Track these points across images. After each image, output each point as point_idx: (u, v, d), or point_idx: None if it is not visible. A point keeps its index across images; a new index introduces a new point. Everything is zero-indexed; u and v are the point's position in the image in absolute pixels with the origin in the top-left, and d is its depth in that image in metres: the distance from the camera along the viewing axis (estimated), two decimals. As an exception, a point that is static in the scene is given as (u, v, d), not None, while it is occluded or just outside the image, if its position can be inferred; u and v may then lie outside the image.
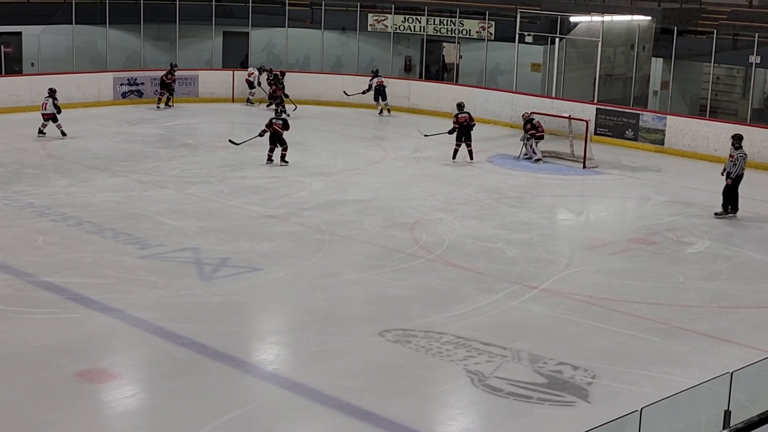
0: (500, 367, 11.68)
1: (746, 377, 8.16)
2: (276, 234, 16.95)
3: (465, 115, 23.56)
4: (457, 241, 16.86)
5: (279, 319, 13.76)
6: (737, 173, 19.24)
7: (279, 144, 22.32)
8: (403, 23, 32.70)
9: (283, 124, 22.39)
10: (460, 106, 24.05)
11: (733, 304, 14.33)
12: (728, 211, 19.34)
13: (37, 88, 28.44)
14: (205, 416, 10.24)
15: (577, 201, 21.28)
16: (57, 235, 16.45)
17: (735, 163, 19.30)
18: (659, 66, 29.28)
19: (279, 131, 22.25)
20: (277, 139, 22.32)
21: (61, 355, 11.69)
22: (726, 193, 19.39)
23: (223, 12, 33.98)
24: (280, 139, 22.30)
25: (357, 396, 10.81)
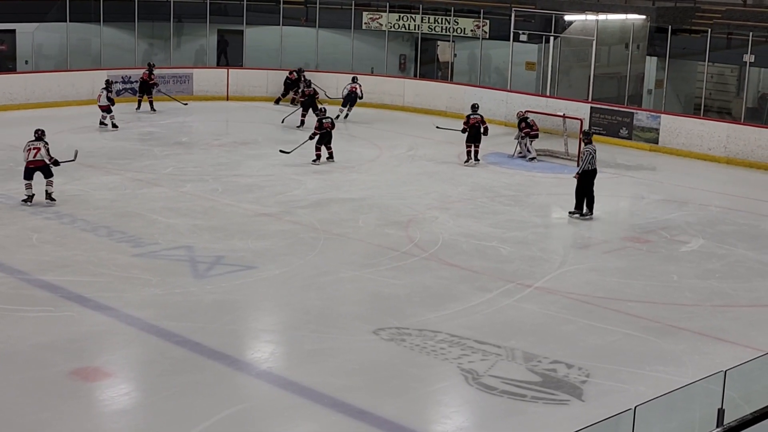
0: (494, 365, 11.69)
1: (740, 376, 8.18)
2: (270, 232, 16.95)
3: (477, 117, 23.45)
4: (451, 239, 16.86)
5: (273, 317, 13.75)
6: (584, 169, 18.63)
7: (326, 144, 22.43)
8: (398, 21, 32.68)
9: (332, 123, 22.68)
10: (474, 108, 23.89)
11: (726, 303, 14.36)
12: (583, 211, 18.69)
13: (32, 87, 28.49)
14: (199, 414, 10.24)
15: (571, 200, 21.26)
16: (51, 234, 16.43)
17: (583, 158, 18.80)
18: (653, 65, 29.27)
19: (329, 129, 22.42)
20: (326, 139, 22.42)
21: (55, 353, 11.68)
22: (577, 191, 18.79)
23: (217, 10, 33.93)
24: (328, 138, 22.44)
25: (351, 394, 10.81)
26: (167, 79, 30.37)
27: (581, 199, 18.78)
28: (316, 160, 22.28)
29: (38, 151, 18.42)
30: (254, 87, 31.67)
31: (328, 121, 22.48)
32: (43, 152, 18.41)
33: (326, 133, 22.40)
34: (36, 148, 18.44)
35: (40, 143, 18.53)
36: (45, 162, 18.42)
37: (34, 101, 28.33)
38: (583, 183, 18.71)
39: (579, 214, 18.73)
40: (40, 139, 18.65)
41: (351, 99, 28.71)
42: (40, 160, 18.38)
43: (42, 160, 18.38)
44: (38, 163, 18.40)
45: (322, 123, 22.33)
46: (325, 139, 22.40)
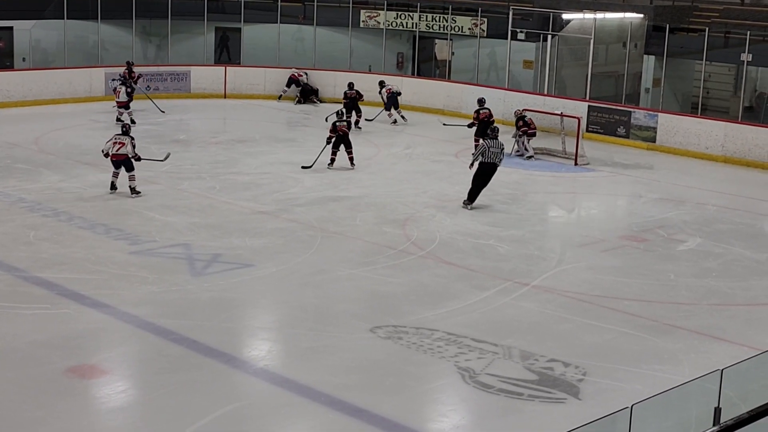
0: (491, 363, 11.69)
1: (736, 374, 8.18)
2: (268, 230, 16.94)
3: (486, 111, 23.53)
4: (448, 237, 16.86)
5: (270, 315, 13.75)
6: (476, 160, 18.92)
7: (345, 146, 21.86)
8: (396, 20, 32.68)
9: (348, 125, 22.20)
10: (481, 102, 23.96)
11: (723, 302, 14.36)
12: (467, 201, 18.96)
13: (29, 84, 28.46)
14: (196, 412, 10.23)
15: (569, 198, 21.31)
16: (48, 231, 16.41)
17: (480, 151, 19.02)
18: (651, 63, 29.30)
19: (346, 132, 21.84)
20: (342, 142, 21.80)
21: (52, 350, 11.67)
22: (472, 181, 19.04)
23: (215, 7, 33.92)
24: (345, 141, 21.83)
25: (348, 392, 10.81)
26: (165, 76, 30.35)
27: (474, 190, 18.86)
28: (330, 164, 21.78)
29: (123, 145, 18.84)
30: (252, 85, 31.66)
31: (343, 125, 21.88)
32: (129, 147, 18.84)
33: (341, 137, 21.76)
34: (121, 142, 18.89)
35: (126, 138, 18.99)
36: (127, 156, 18.84)
37: (32, 98, 28.31)
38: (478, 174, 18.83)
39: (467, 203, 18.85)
40: (126, 134, 19.14)
41: (394, 100, 28.28)
42: (123, 154, 18.82)
43: (125, 154, 18.82)
44: (120, 156, 18.84)
45: (335, 126, 21.76)
46: (341, 142, 21.78)
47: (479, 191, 18.92)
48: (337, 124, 21.88)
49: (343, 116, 22.61)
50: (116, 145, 18.84)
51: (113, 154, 18.82)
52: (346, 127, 21.98)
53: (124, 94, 25.53)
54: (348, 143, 21.91)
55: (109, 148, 18.91)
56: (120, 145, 18.80)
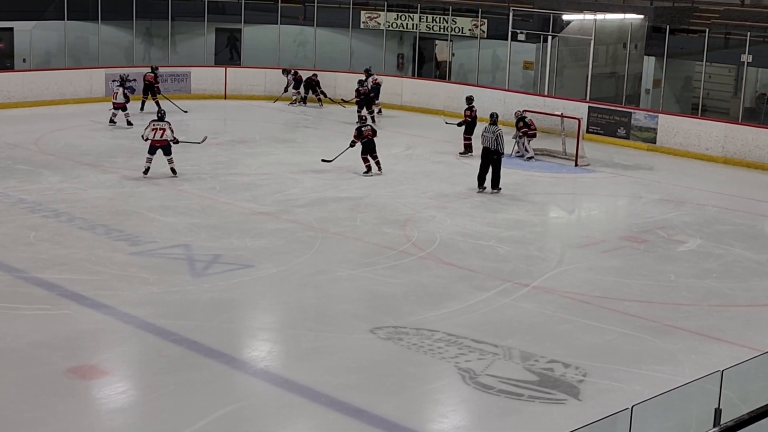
0: (491, 364, 11.69)
1: (737, 375, 8.18)
2: (268, 231, 16.94)
3: (475, 109, 23.84)
4: (449, 238, 16.86)
5: (270, 316, 13.75)
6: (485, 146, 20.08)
7: (371, 152, 21.49)
8: (396, 21, 32.69)
9: (373, 130, 21.77)
10: (470, 100, 24.17)
11: (724, 303, 14.36)
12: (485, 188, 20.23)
13: (29, 85, 28.47)
14: (196, 413, 10.23)
15: (569, 199, 21.32)
16: (48, 232, 16.41)
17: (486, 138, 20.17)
18: (651, 64, 29.30)
19: (371, 137, 21.48)
20: (370, 148, 21.45)
21: (52, 351, 11.67)
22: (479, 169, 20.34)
23: (215, 8, 33.93)
24: (372, 146, 21.47)
25: (348, 393, 10.81)
26: (165, 77, 30.35)
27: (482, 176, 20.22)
28: (367, 171, 21.42)
29: (164, 132, 20.25)
30: (252, 86, 31.67)
31: (368, 129, 21.58)
32: (168, 133, 20.28)
33: (368, 142, 21.45)
34: (162, 128, 20.23)
35: (165, 124, 20.34)
36: (168, 141, 20.21)
37: (32, 99, 28.32)
38: (483, 161, 20.20)
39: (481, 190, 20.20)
40: (163, 119, 20.53)
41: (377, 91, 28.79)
42: (164, 140, 20.26)
43: (166, 140, 20.25)
44: (162, 142, 20.27)
45: (361, 131, 21.42)
46: (368, 148, 21.47)
47: (482, 176, 20.19)
48: (362, 129, 21.55)
49: (366, 121, 22.54)
50: (157, 131, 20.16)
51: (154, 140, 20.11)
52: (371, 132, 21.59)
53: (121, 95, 25.52)
54: (374, 148, 21.51)
55: (149, 135, 20.17)
56: (161, 131, 20.15)
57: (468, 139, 23.83)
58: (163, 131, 20.15)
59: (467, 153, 23.71)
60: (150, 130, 20.22)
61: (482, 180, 20.19)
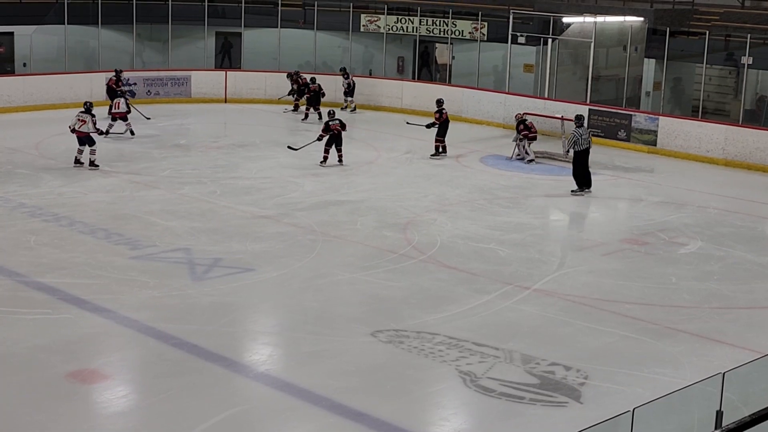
0: (492, 367, 11.67)
1: (738, 378, 8.16)
2: (268, 234, 16.93)
3: (447, 112, 24.04)
4: (449, 241, 16.86)
5: (271, 319, 13.74)
6: (569, 149, 21.05)
7: (336, 145, 22.46)
8: (396, 24, 32.69)
9: (341, 124, 22.62)
10: (440, 102, 24.34)
11: (725, 305, 14.35)
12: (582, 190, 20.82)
13: (30, 89, 28.48)
14: (197, 417, 10.22)
15: (570, 201, 21.29)
16: (49, 236, 16.41)
17: (570, 140, 21.07)
18: (651, 67, 29.29)
19: (339, 131, 22.45)
20: (335, 140, 22.43)
21: (53, 355, 11.66)
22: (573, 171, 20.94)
23: (215, 12, 33.94)
24: (338, 140, 22.45)
25: (349, 396, 10.80)
26: (165, 81, 30.34)
27: (579, 178, 20.71)
28: (323, 161, 22.35)
29: (84, 123, 20.80)
30: (252, 89, 31.68)
31: (335, 123, 22.40)
32: (90, 125, 20.75)
33: (334, 136, 22.40)
34: (83, 120, 20.77)
35: (88, 116, 20.80)
36: (87, 133, 20.69)
37: (32, 103, 28.31)
38: (577, 162, 20.68)
39: (580, 191, 20.75)
40: (88, 111, 20.91)
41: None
42: (85, 132, 20.65)
43: (86, 131, 20.64)
44: (83, 133, 20.69)
45: (328, 125, 22.36)
46: (334, 141, 22.42)
47: (586, 176, 20.78)
48: (330, 123, 22.42)
49: (335, 115, 23.00)
50: (79, 122, 20.68)
51: (77, 131, 20.63)
52: (339, 126, 22.45)
53: (124, 104, 25.20)
54: (340, 141, 22.49)
55: (74, 125, 20.72)
56: (82, 123, 20.58)
57: (440, 141, 23.93)
58: (83, 122, 20.65)
59: (438, 154, 23.80)
60: (75, 120, 20.87)
61: (586, 181, 20.81)
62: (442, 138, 23.90)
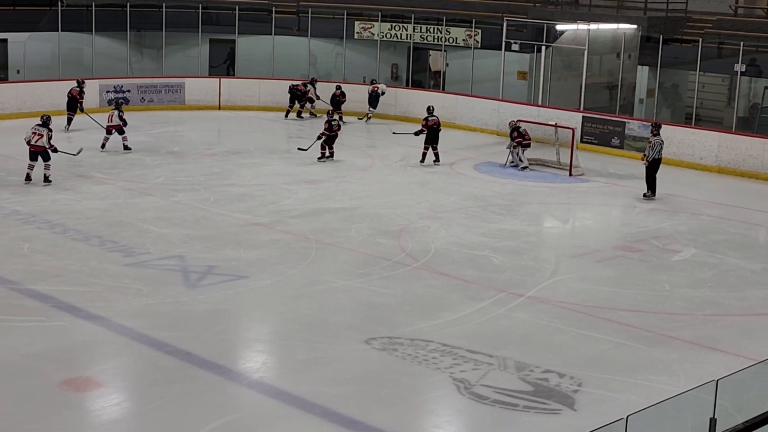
0: (486, 374, 11.68)
1: (732, 385, 8.17)
2: (262, 242, 16.93)
3: (435, 119, 23.99)
4: (443, 248, 16.86)
5: (265, 327, 13.73)
6: (653, 157, 21.24)
7: (329, 144, 23.79)
8: (390, 31, 32.72)
9: (339, 126, 24.36)
10: (429, 110, 24.36)
11: (718, 312, 14.37)
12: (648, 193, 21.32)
13: (23, 96, 28.46)
14: (191, 424, 10.21)
15: (564, 209, 21.34)
16: (43, 243, 16.39)
17: (653, 147, 21.36)
18: (645, 74, 29.35)
19: (337, 131, 23.89)
20: (332, 140, 23.81)
21: (46, 363, 11.64)
22: (646, 177, 21.44)
23: (209, 19, 33.94)
24: (333, 140, 23.84)
25: (343, 404, 10.79)
26: (159, 88, 30.30)
27: (650, 184, 21.35)
28: (321, 158, 23.68)
29: (41, 137, 19.88)
30: (246, 96, 31.67)
31: (336, 124, 23.97)
32: (45, 140, 19.85)
33: (334, 136, 23.76)
34: (39, 134, 19.97)
35: (44, 130, 20.05)
36: (44, 147, 19.86)
37: (26, 110, 28.24)
38: (651, 169, 21.31)
39: (649, 195, 21.30)
40: (45, 125, 20.16)
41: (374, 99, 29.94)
42: (41, 146, 19.88)
43: (42, 145, 19.85)
44: (39, 148, 19.92)
45: (331, 125, 23.74)
46: (331, 140, 23.76)
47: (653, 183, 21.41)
48: (332, 123, 23.79)
49: (333, 115, 24.72)
50: (35, 135, 19.95)
51: (32, 145, 19.93)
52: (338, 127, 24.03)
53: (117, 118, 24.40)
54: (333, 141, 23.90)
55: (29, 137, 19.99)
56: (38, 137, 19.88)
57: (426, 148, 23.92)
58: (40, 137, 19.95)
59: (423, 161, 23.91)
60: (30, 133, 20.15)
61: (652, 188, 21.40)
62: (428, 145, 23.86)
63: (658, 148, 21.24)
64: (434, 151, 23.89)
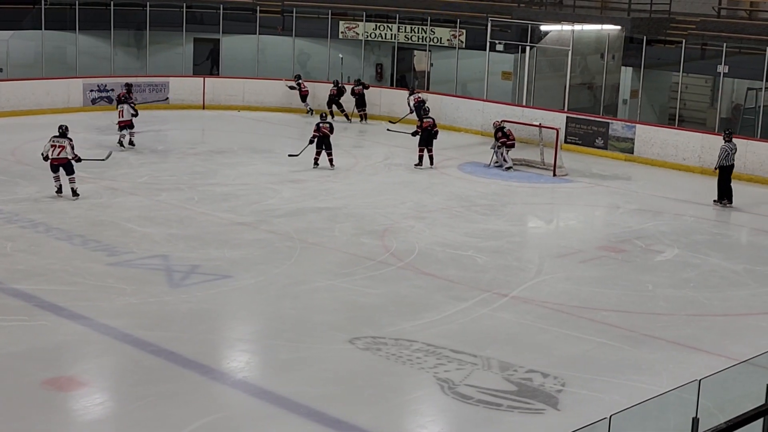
0: (470, 374, 11.69)
1: (714, 385, 8.21)
2: (246, 241, 16.91)
3: (429, 120, 23.88)
4: (427, 248, 16.87)
5: (249, 326, 13.71)
6: (721, 164, 20.98)
7: (325, 148, 22.88)
8: (375, 30, 32.73)
9: (330, 127, 23.07)
10: (425, 111, 24.37)
11: (701, 312, 14.43)
12: (722, 201, 20.96)
13: (6, 94, 28.33)
14: (175, 424, 10.20)
15: (547, 209, 21.37)
16: (25, 242, 16.33)
17: (722, 154, 21.05)
18: (629, 75, 29.44)
19: (327, 133, 22.86)
20: (324, 143, 22.84)
21: (29, 362, 11.60)
22: (718, 183, 21.13)
23: (193, 18, 33.87)
24: (327, 143, 22.87)
25: (327, 404, 10.79)
26: (143, 87, 30.20)
27: (722, 190, 21.00)
28: (315, 164, 22.77)
29: (63, 149, 18.92)
30: (230, 96, 31.61)
31: (326, 126, 22.87)
32: (69, 150, 18.92)
33: (322, 138, 22.79)
34: (61, 146, 18.95)
35: (65, 140, 19.03)
36: (68, 159, 18.91)
37: (9, 109, 28.16)
38: (722, 176, 21.02)
39: (720, 203, 20.99)
40: (64, 135, 19.13)
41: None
42: (64, 158, 18.90)
43: (65, 157, 18.90)
44: (62, 160, 18.90)
45: (319, 127, 22.81)
46: (323, 143, 22.83)
47: (729, 189, 21.00)
48: (320, 125, 22.81)
49: (326, 118, 23.40)
50: (56, 148, 18.93)
51: (53, 159, 18.92)
52: (328, 129, 22.90)
53: (126, 113, 24.49)
54: (329, 144, 22.87)
55: (48, 151, 18.98)
56: (60, 149, 18.90)
57: (421, 150, 23.79)
58: (62, 148, 18.82)
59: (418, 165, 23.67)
60: (49, 146, 18.98)
61: (728, 194, 20.99)
62: (423, 147, 23.75)
63: (724, 154, 20.95)
64: (429, 154, 23.74)
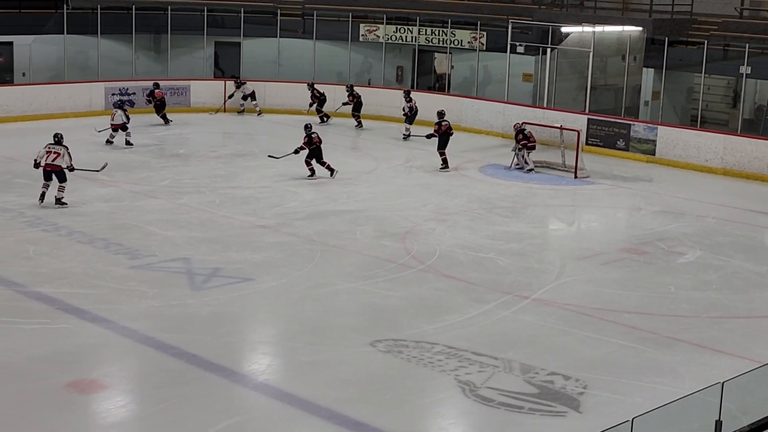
0: (492, 377, 11.67)
1: (737, 387, 8.17)
2: (267, 244, 16.93)
3: (447, 123, 23.87)
4: (448, 251, 16.85)
5: (270, 329, 13.73)
6: None
7: (317, 159, 22.04)
8: (395, 33, 32.71)
9: (319, 138, 22.09)
10: (441, 114, 24.25)
11: (723, 314, 14.35)
12: None
13: (29, 99, 28.50)
14: (196, 427, 10.22)
15: (569, 211, 21.31)
16: (48, 245, 16.41)
17: None
18: (650, 76, 29.31)
19: (318, 144, 21.94)
20: (316, 154, 21.98)
21: (51, 365, 11.65)
22: None
23: (214, 22, 33.96)
24: (318, 153, 21.99)
25: (348, 406, 10.79)
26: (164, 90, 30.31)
27: None
28: (311, 175, 22.00)
29: (58, 155, 18.70)
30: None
31: (315, 136, 21.95)
32: (66, 158, 18.73)
33: (316, 148, 21.98)
34: (57, 152, 18.74)
35: (62, 148, 18.84)
36: (61, 167, 18.71)
37: (31, 113, 28.31)
38: None
39: None
40: (60, 143, 18.95)
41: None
42: (58, 165, 18.69)
43: (59, 165, 18.69)
44: (55, 167, 18.69)
45: (311, 138, 21.85)
46: (315, 155, 22.02)
47: None
48: (312, 135, 21.92)
49: (311, 129, 22.22)
50: (51, 154, 18.66)
51: (46, 164, 18.66)
52: (318, 140, 22.02)
53: (118, 117, 24.98)
54: (320, 154, 22.02)
55: (42, 158, 18.72)
56: (55, 155, 18.65)
57: (442, 154, 23.72)
58: (57, 155, 18.55)
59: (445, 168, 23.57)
60: (44, 152, 18.69)
61: None
62: (442, 150, 23.74)
63: None
64: (443, 157, 23.70)
